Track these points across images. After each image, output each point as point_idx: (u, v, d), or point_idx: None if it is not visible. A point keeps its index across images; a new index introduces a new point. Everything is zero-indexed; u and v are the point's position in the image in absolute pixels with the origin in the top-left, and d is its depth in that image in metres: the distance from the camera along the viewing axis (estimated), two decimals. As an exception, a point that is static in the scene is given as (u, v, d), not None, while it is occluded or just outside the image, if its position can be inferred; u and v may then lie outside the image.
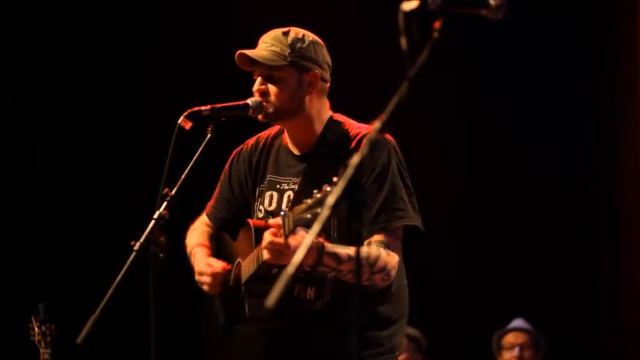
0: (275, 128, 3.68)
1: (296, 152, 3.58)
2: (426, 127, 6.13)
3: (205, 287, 3.58)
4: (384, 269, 3.34)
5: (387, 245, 3.36)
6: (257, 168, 3.65)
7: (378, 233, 3.36)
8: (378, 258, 3.32)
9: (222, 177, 3.78)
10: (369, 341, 3.44)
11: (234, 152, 3.75)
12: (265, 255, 3.24)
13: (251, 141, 3.72)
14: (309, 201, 3.04)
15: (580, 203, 6.46)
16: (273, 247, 3.20)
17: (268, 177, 3.61)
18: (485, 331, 6.22)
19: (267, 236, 3.21)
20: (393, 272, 3.37)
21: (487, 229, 6.48)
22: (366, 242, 3.35)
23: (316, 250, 3.25)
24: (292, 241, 3.18)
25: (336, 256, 3.27)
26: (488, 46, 6.24)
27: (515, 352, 6.05)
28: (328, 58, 3.57)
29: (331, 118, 3.56)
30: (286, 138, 3.61)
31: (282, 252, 3.19)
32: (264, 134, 3.71)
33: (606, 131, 6.38)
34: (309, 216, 3.03)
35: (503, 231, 6.49)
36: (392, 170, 3.40)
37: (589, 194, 6.43)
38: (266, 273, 3.32)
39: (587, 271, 6.45)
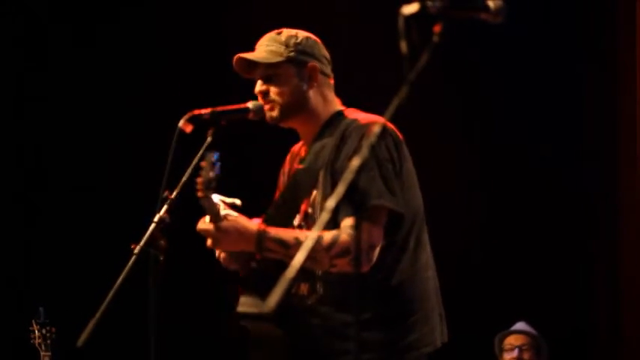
0: None
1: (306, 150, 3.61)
2: (424, 126, 6.10)
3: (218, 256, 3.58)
4: (347, 253, 3.24)
5: (356, 229, 3.23)
6: (289, 174, 3.66)
7: (347, 217, 3.27)
8: (334, 242, 3.24)
9: None
10: (368, 343, 3.32)
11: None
12: (207, 242, 3.33)
13: (289, 154, 3.74)
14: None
15: (580, 202, 6.46)
16: (204, 233, 3.30)
17: None
18: (486, 333, 6.22)
19: (199, 224, 3.32)
20: (367, 256, 3.25)
21: (487, 229, 6.48)
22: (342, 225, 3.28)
23: (255, 236, 3.27)
24: (225, 224, 3.26)
25: (281, 241, 3.26)
26: (486, 45, 6.24)
27: (515, 353, 6.05)
28: (325, 53, 3.58)
29: (337, 111, 3.54)
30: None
31: (214, 237, 3.29)
32: (297, 145, 3.71)
33: (606, 130, 6.39)
34: (200, 194, 3.18)
35: (503, 231, 6.49)
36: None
37: (588, 193, 6.44)
38: (246, 267, 3.34)
39: (586, 271, 6.46)
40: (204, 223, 3.29)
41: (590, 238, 6.47)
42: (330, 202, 2.36)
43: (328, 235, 3.25)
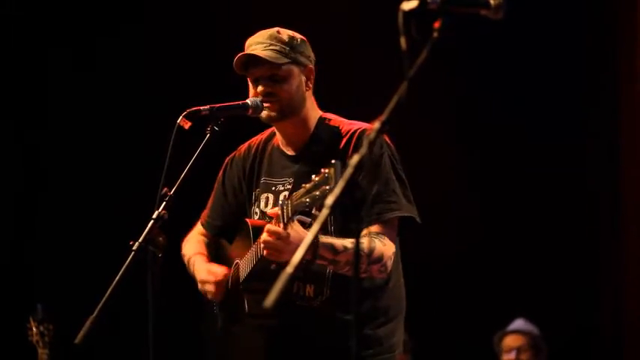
0: (266, 132, 3.70)
1: (289, 153, 3.59)
2: (424, 124, 6.11)
3: (210, 295, 3.60)
4: (380, 259, 3.32)
5: (383, 235, 3.35)
6: (251, 172, 3.66)
7: (373, 224, 3.35)
8: (374, 248, 3.31)
9: (215, 185, 3.79)
10: (368, 340, 3.44)
11: (226, 160, 3.77)
12: (264, 251, 3.20)
13: (243, 147, 3.73)
14: (307, 185, 3.03)
15: (581, 201, 6.47)
16: (271, 236, 3.15)
17: (263, 179, 3.62)
18: (486, 329, 6.22)
19: (268, 226, 3.18)
20: (390, 263, 3.36)
21: (490, 227, 6.48)
22: (363, 233, 3.34)
23: (312, 243, 3.23)
24: (292, 232, 3.15)
25: (332, 247, 3.26)
26: (485, 42, 6.23)
27: (513, 355, 6.06)
28: (314, 56, 3.60)
29: (321, 116, 3.57)
30: (278, 140, 3.62)
31: (281, 245, 3.15)
32: (256, 139, 3.72)
33: (607, 127, 6.40)
34: (307, 200, 3.02)
35: (506, 229, 6.49)
36: (384, 164, 3.41)
37: (590, 192, 6.44)
38: (264, 269, 3.32)
39: (588, 270, 6.46)
40: (276, 227, 3.15)
41: (594, 236, 6.48)
42: (330, 200, 2.36)
43: (366, 242, 3.31)
